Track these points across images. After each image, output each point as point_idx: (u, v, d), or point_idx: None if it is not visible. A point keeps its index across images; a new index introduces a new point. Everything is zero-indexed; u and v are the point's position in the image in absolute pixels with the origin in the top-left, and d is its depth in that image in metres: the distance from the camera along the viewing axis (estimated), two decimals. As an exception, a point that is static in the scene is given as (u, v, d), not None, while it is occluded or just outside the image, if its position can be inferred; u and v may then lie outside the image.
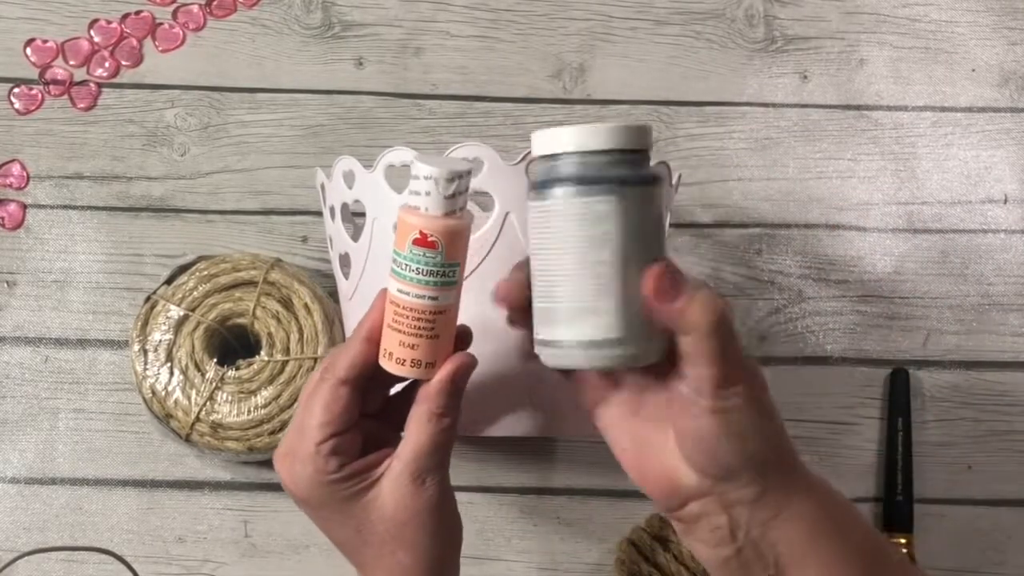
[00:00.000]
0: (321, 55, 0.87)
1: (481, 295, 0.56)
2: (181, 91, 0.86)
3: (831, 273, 0.85)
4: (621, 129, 0.50)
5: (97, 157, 0.85)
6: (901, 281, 0.85)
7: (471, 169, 0.52)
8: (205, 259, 0.79)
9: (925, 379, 0.83)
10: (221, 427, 0.76)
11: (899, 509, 0.80)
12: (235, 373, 0.77)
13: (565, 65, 0.88)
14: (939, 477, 0.81)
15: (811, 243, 0.85)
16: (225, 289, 0.78)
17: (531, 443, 0.80)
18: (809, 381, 0.83)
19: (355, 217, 0.77)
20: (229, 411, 0.76)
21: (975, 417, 0.82)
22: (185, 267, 0.79)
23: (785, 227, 0.85)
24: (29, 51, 0.86)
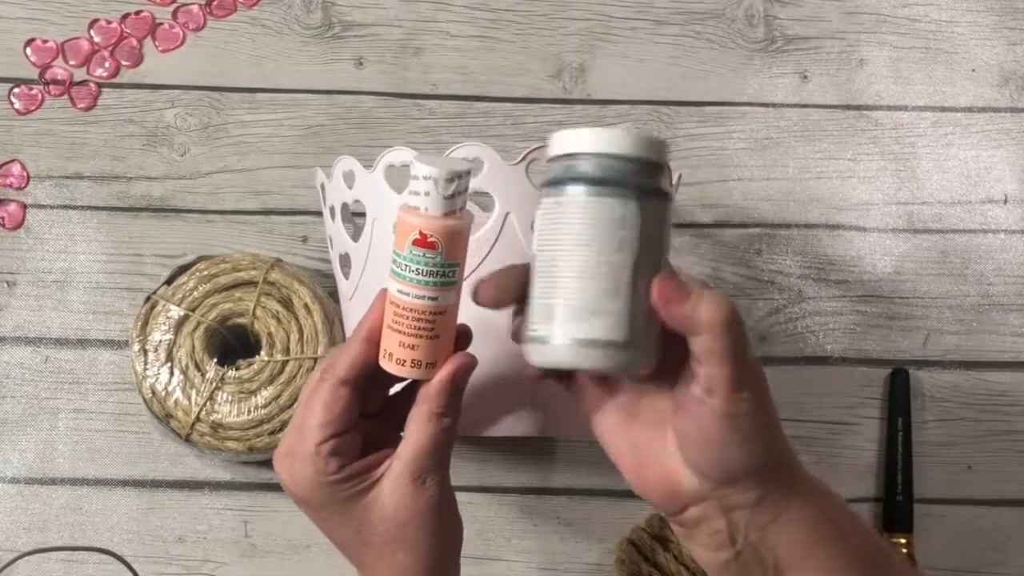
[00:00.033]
0: (321, 55, 0.87)
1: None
2: (181, 91, 0.86)
3: (831, 273, 0.85)
4: (650, 140, 0.50)
5: (97, 157, 0.85)
6: (901, 281, 0.85)
7: (471, 169, 0.52)
8: (205, 259, 0.79)
9: (925, 379, 0.83)
10: (221, 427, 0.76)
11: (899, 509, 0.80)
12: (235, 373, 0.77)
13: (565, 65, 0.88)
14: (939, 477, 0.81)
15: (811, 243, 0.85)
16: (225, 289, 0.78)
17: (531, 443, 0.80)
18: (809, 381, 0.83)
19: (355, 217, 0.77)
20: (229, 411, 0.76)
21: (975, 417, 0.82)
22: (185, 267, 0.79)
23: (785, 227, 0.85)
24: (29, 51, 0.86)
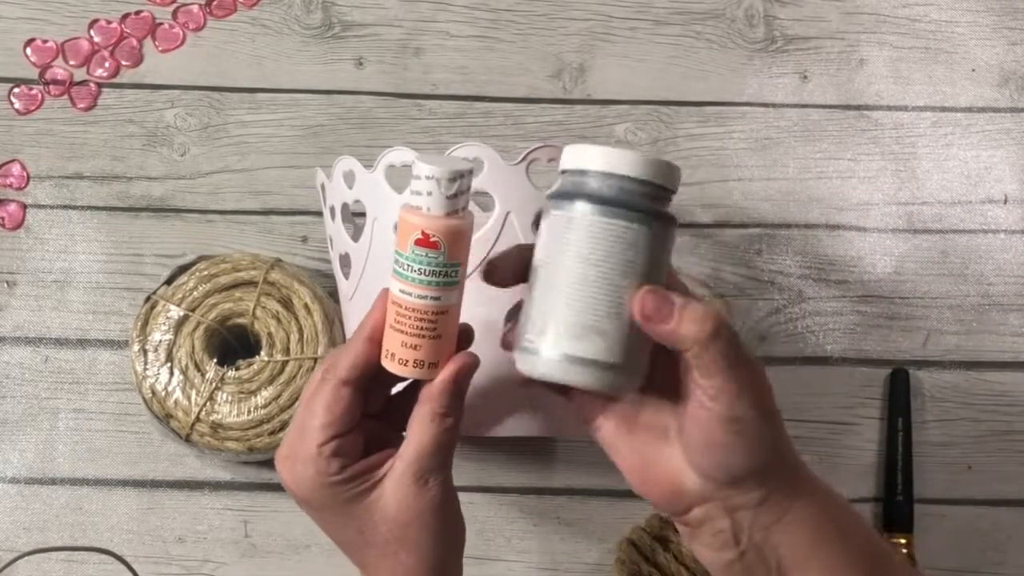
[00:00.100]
0: (321, 55, 0.87)
1: (482, 295, 0.56)
2: (181, 91, 0.86)
3: (831, 273, 0.85)
4: (663, 164, 0.51)
5: (97, 157, 0.84)
6: (901, 281, 0.85)
7: (473, 169, 0.52)
8: (205, 259, 0.79)
9: (925, 379, 0.83)
10: (221, 427, 0.76)
11: (899, 509, 0.80)
12: (235, 373, 0.77)
13: (565, 65, 0.88)
14: (939, 477, 0.81)
15: (811, 243, 0.85)
16: (225, 289, 0.78)
17: (531, 443, 0.80)
18: (809, 381, 0.83)
19: (355, 217, 0.77)
20: (229, 411, 0.76)
21: (975, 417, 0.82)
22: (185, 267, 0.79)
23: (785, 227, 0.85)
24: (29, 51, 0.86)
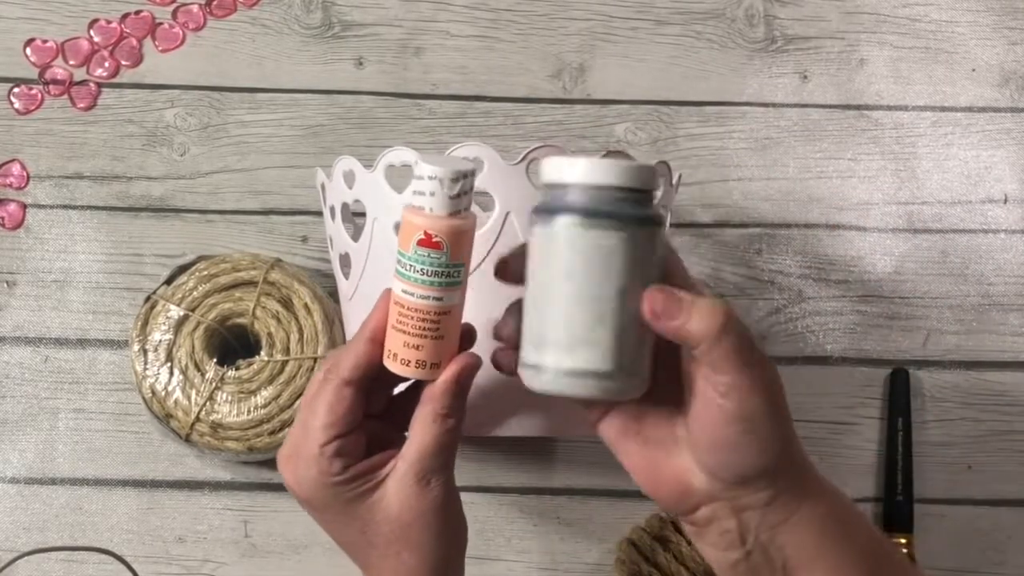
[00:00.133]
0: (321, 55, 0.87)
1: (482, 295, 0.56)
2: (181, 91, 0.86)
3: (831, 273, 0.85)
4: (639, 168, 0.50)
5: (97, 157, 0.84)
6: (901, 281, 0.85)
7: (475, 169, 0.52)
8: (205, 259, 0.79)
9: (925, 379, 0.83)
10: (221, 427, 0.76)
11: (899, 509, 0.80)
12: (235, 373, 0.77)
13: (565, 65, 0.88)
14: (939, 477, 0.81)
15: (811, 243, 0.85)
16: (225, 289, 0.78)
17: (531, 443, 0.80)
18: (809, 381, 0.83)
19: (355, 217, 0.77)
20: (229, 411, 0.76)
21: (975, 417, 0.83)
22: (185, 267, 0.79)
23: (785, 227, 0.85)
24: (29, 51, 0.86)
